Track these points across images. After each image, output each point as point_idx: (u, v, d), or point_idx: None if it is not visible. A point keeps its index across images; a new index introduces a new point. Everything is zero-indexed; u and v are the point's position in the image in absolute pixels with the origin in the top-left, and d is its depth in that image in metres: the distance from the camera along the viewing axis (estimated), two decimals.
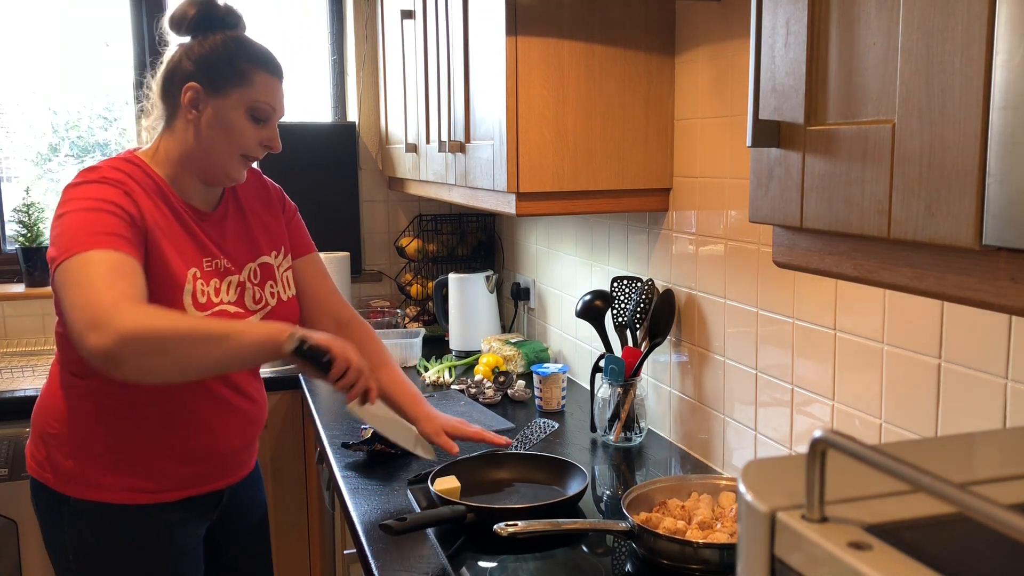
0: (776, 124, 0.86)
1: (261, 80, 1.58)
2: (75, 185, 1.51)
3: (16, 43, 3.13)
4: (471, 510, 1.52)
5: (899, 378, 1.34)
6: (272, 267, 1.73)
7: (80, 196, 1.47)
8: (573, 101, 1.86)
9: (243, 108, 1.57)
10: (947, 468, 0.71)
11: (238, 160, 1.60)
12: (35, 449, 1.64)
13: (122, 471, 1.58)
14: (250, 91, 1.57)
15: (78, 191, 1.49)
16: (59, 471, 1.59)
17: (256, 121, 1.59)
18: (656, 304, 1.97)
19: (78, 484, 1.58)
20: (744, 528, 0.66)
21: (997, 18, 0.62)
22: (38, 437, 1.63)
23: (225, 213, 1.69)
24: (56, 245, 1.42)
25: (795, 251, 0.90)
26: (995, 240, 0.64)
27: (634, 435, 2.00)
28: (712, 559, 1.34)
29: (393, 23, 2.88)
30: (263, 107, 1.59)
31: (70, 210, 1.46)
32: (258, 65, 1.58)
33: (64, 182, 3.17)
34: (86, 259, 1.37)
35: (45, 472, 1.60)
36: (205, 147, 1.58)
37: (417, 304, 3.28)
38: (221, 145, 1.58)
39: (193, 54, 1.58)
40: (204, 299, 1.57)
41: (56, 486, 1.59)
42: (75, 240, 1.40)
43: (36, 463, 1.63)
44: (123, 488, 1.58)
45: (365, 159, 3.34)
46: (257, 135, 1.60)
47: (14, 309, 3.03)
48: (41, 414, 1.64)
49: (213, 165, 1.60)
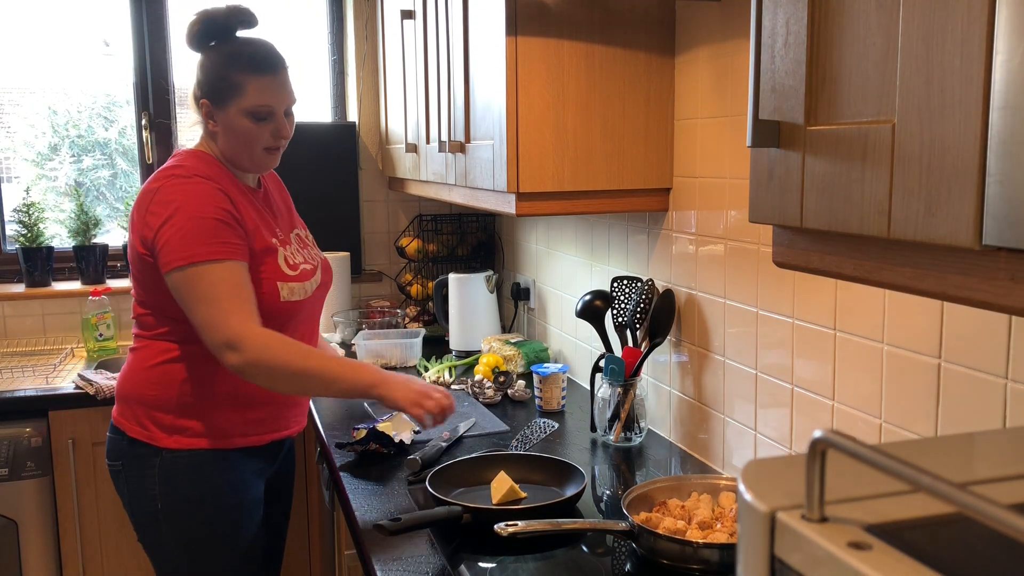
0: (776, 124, 0.86)
1: (253, 86, 1.75)
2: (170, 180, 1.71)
3: (16, 43, 3.13)
4: (467, 510, 1.52)
5: (899, 378, 1.34)
6: (302, 237, 1.99)
7: (182, 197, 1.68)
8: (573, 101, 1.86)
9: (243, 115, 1.76)
10: (947, 468, 0.71)
11: (261, 153, 1.81)
12: (129, 412, 1.82)
13: (211, 418, 1.79)
14: (244, 99, 1.76)
15: (176, 191, 1.69)
16: (158, 426, 1.79)
17: (258, 121, 1.77)
18: (656, 304, 1.97)
19: (172, 434, 1.78)
20: (744, 528, 0.66)
21: (997, 18, 0.62)
22: (134, 402, 1.81)
23: (266, 192, 1.94)
24: (172, 250, 1.65)
25: (795, 251, 0.90)
26: (995, 240, 0.64)
27: (634, 435, 2.00)
28: (712, 559, 1.34)
29: (393, 23, 2.88)
30: (259, 110, 1.77)
31: (176, 212, 1.67)
32: (248, 72, 1.75)
33: (64, 181, 3.21)
34: (207, 271, 1.64)
35: (144, 429, 1.79)
36: (229, 149, 1.81)
37: (417, 304, 3.28)
38: (239, 147, 1.79)
39: (201, 71, 1.80)
40: (292, 261, 1.84)
41: (151, 440, 1.79)
42: (193, 249, 1.64)
43: (135, 423, 1.81)
44: (207, 434, 1.79)
45: (365, 159, 3.34)
46: (265, 131, 1.78)
47: (14, 309, 3.03)
48: (138, 385, 1.81)
49: (242, 161, 1.82)
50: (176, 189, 1.69)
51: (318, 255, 2.00)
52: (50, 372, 2.73)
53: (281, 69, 1.80)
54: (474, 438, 2.07)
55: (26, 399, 2.52)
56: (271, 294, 1.77)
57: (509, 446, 1.98)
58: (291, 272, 1.82)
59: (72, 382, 2.61)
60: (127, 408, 1.83)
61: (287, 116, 1.83)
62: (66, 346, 3.04)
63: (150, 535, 1.83)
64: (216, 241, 1.66)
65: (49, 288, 3.04)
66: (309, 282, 1.86)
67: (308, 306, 1.88)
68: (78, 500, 2.59)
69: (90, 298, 2.96)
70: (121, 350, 3.01)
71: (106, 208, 3.31)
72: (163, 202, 1.68)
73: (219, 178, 1.76)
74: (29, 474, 2.51)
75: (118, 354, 2.97)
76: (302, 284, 1.84)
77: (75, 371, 2.75)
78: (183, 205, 1.67)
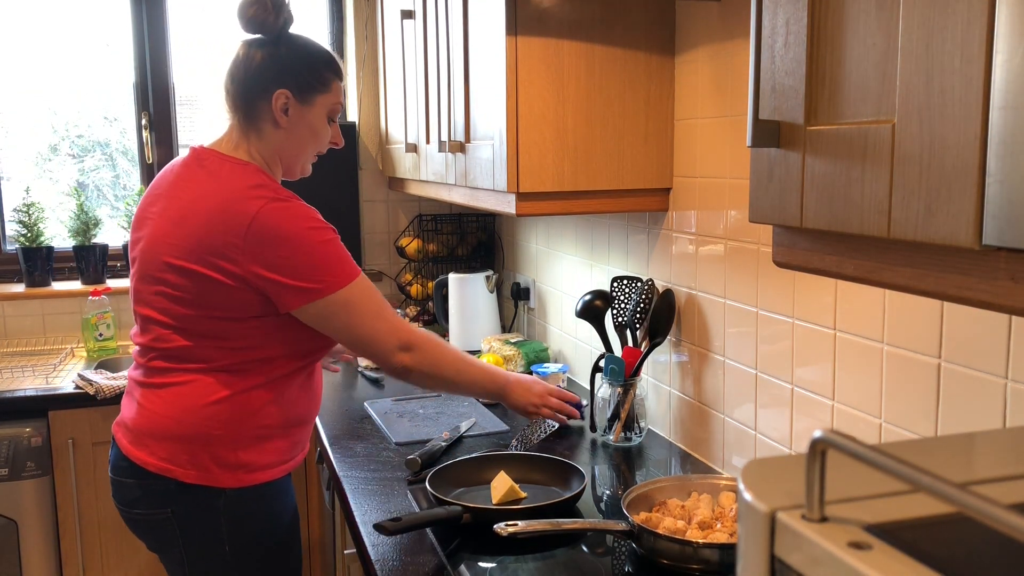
0: (776, 124, 0.86)
1: (336, 86, 1.75)
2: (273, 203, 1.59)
3: (16, 43, 3.13)
4: (467, 510, 1.52)
5: (899, 378, 1.34)
6: None
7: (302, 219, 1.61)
8: (573, 101, 1.86)
9: (325, 112, 1.74)
10: (947, 468, 0.71)
11: (311, 158, 1.80)
12: (184, 456, 1.65)
13: (267, 450, 1.71)
14: (329, 97, 1.73)
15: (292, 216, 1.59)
16: (221, 467, 1.66)
17: (330, 122, 1.77)
18: (656, 304, 1.97)
19: (235, 471, 1.67)
20: (744, 528, 0.66)
21: (997, 18, 0.62)
22: (189, 442, 1.64)
23: None
24: (314, 279, 1.59)
25: (795, 251, 0.90)
26: (995, 240, 0.64)
27: (634, 435, 2.00)
28: (712, 559, 1.34)
29: (393, 23, 2.88)
30: (338, 109, 1.77)
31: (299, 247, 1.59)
32: (334, 72, 1.74)
33: (64, 182, 3.21)
34: (360, 288, 1.65)
35: (205, 472, 1.65)
36: (294, 148, 1.74)
37: (417, 304, 3.28)
38: (307, 146, 1.76)
39: (279, 60, 1.69)
40: None
41: (212, 481, 1.66)
42: (342, 270, 1.63)
43: (192, 467, 1.65)
44: (269, 465, 1.71)
45: (365, 159, 3.34)
46: (329, 135, 1.79)
47: (14, 309, 3.03)
48: (197, 424, 1.64)
49: (296, 162, 1.77)
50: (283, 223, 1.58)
51: None
52: (50, 372, 2.73)
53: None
54: (474, 438, 2.07)
55: (26, 399, 2.52)
56: None
57: (509, 446, 1.98)
58: None
59: (72, 382, 2.61)
60: (178, 449, 1.65)
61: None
62: (66, 346, 3.04)
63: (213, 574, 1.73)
64: (348, 258, 1.66)
65: (49, 288, 3.04)
66: None
67: None
68: (78, 500, 2.59)
69: (90, 298, 2.96)
70: (121, 350, 3.01)
71: (106, 208, 3.31)
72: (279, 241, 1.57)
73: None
74: (29, 474, 2.51)
75: (118, 354, 2.97)
76: None
77: (75, 371, 2.75)
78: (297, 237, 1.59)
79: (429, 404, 2.35)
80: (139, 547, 2.67)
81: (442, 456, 1.92)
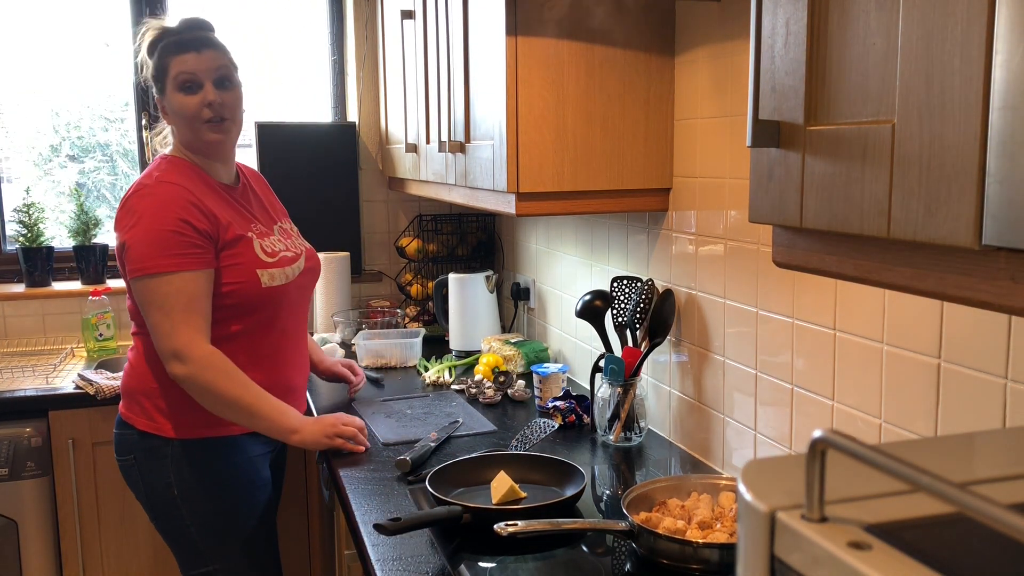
0: (776, 124, 0.86)
1: (175, 63, 1.88)
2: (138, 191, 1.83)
3: (16, 43, 3.13)
4: (467, 510, 1.52)
5: (899, 378, 1.34)
6: (287, 230, 2.10)
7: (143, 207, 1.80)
8: (573, 101, 1.86)
9: (174, 90, 1.89)
10: (947, 468, 0.71)
11: (203, 129, 1.89)
12: (136, 407, 1.92)
13: (197, 407, 1.85)
14: (169, 76, 1.89)
15: (141, 202, 1.81)
16: (165, 418, 1.89)
17: (187, 91, 1.88)
18: (656, 304, 1.97)
19: (180, 425, 1.88)
20: (744, 528, 0.66)
21: (997, 18, 0.62)
22: (140, 395, 1.91)
23: (245, 188, 2.03)
24: (132, 259, 1.78)
25: (795, 251, 0.90)
26: (995, 240, 0.64)
27: (634, 435, 2.00)
28: (712, 559, 1.34)
29: (393, 23, 2.88)
30: (183, 78, 1.87)
31: (137, 223, 1.79)
32: (170, 53, 1.88)
33: (64, 183, 3.20)
34: (162, 282, 1.76)
35: (153, 421, 1.90)
36: (182, 135, 1.93)
37: (417, 304, 3.28)
38: (184, 127, 1.91)
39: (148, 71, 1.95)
40: (271, 249, 1.94)
41: (160, 431, 1.89)
42: (151, 260, 1.76)
43: (144, 416, 1.90)
44: (208, 423, 1.88)
45: (365, 159, 3.34)
46: (195, 101, 1.87)
47: (14, 309, 3.03)
48: (141, 379, 1.92)
49: (192, 141, 1.92)
50: (141, 200, 1.81)
51: (303, 244, 2.10)
52: (50, 372, 2.73)
53: (204, 46, 1.89)
54: (473, 438, 2.07)
55: (26, 399, 2.52)
56: (252, 281, 1.88)
57: (509, 446, 1.98)
58: (269, 259, 1.92)
59: (72, 382, 2.61)
60: (133, 402, 1.93)
61: (221, 87, 1.89)
62: (66, 346, 3.04)
63: (169, 521, 1.93)
64: (171, 253, 1.77)
65: (49, 288, 3.04)
66: (291, 267, 1.96)
67: (294, 292, 1.98)
68: (78, 500, 2.59)
69: (90, 298, 2.96)
70: (121, 350, 3.01)
71: (107, 209, 3.31)
72: (129, 212, 1.81)
73: (188, 180, 1.86)
74: (29, 474, 2.51)
75: (118, 354, 2.97)
76: (282, 269, 1.94)
77: (75, 371, 2.75)
78: (143, 216, 1.79)
79: (416, 404, 2.35)
80: (139, 547, 2.67)
81: (431, 456, 1.92)
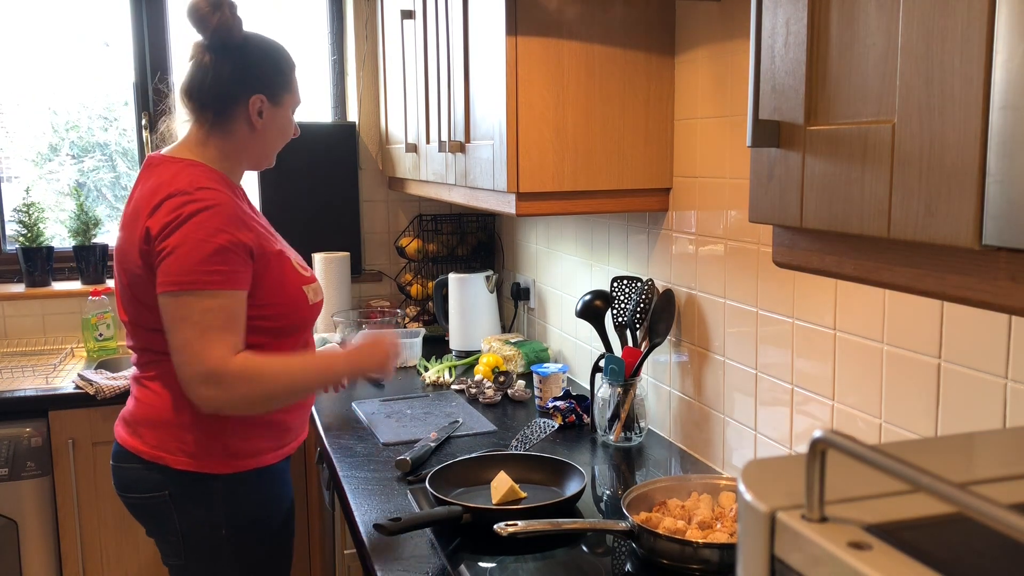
0: (776, 124, 0.86)
1: (296, 83, 1.82)
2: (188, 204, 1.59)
3: (16, 43, 3.13)
4: (467, 510, 1.52)
5: (899, 378, 1.34)
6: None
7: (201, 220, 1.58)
8: (573, 101, 1.86)
9: (291, 110, 1.82)
10: (947, 468, 0.71)
11: (279, 149, 1.85)
12: (173, 441, 1.70)
13: (251, 435, 1.72)
14: (294, 96, 1.81)
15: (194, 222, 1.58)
16: (209, 452, 1.69)
17: (293, 116, 1.84)
18: (656, 304, 1.97)
19: (227, 458, 1.71)
20: (744, 528, 0.66)
21: (997, 18, 0.62)
22: (176, 428, 1.69)
23: (245, 196, 1.86)
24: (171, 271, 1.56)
25: (795, 251, 0.90)
26: (995, 240, 0.64)
27: (634, 435, 2.00)
28: (712, 559, 1.34)
29: (393, 23, 2.88)
30: (299, 103, 1.84)
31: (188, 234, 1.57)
32: (293, 68, 1.81)
33: (64, 182, 3.21)
34: (207, 297, 1.56)
35: (194, 458, 1.69)
36: (265, 146, 1.80)
37: (417, 304, 3.28)
38: (277, 143, 1.82)
39: (251, 65, 1.73)
40: (298, 260, 1.81)
41: (204, 468, 1.69)
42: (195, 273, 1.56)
43: (182, 454, 1.69)
44: (259, 451, 1.74)
45: (365, 159, 3.34)
46: (293, 128, 1.85)
47: (14, 309, 3.03)
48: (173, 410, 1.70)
49: (265, 156, 1.82)
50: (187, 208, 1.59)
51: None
52: (50, 372, 2.73)
53: None
54: (473, 438, 2.07)
55: (26, 399, 2.52)
56: (299, 299, 1.72)
57: (509, 446, 1.98)
58: (305, 273, 1.78)
59: (72, 382, 2.61)
60: (167, 436, 1.70)
61: None
62: (66, 346, 3.04)
63: (207, 560, 1.74)
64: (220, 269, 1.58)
65: (49, 288, 3.04)
66: (318, 281, 1.84)
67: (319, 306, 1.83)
68: (78, 500, 2.59)
69: (90, 298, 2.96)
70: (121, 350, 3.01)
71: (106, 208, 3.31)
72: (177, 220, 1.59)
73: (229, 190, 1.69)
74: (29, 474, 2.51)
75: (118, 354, 2.97)
76: (317, 284, 1.80)
77: (75, 371, 2.75)
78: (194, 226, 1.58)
79: (416, 404, 2.35)
80: (139, 547, 2.67)
81: (431, 456, 1.92)
